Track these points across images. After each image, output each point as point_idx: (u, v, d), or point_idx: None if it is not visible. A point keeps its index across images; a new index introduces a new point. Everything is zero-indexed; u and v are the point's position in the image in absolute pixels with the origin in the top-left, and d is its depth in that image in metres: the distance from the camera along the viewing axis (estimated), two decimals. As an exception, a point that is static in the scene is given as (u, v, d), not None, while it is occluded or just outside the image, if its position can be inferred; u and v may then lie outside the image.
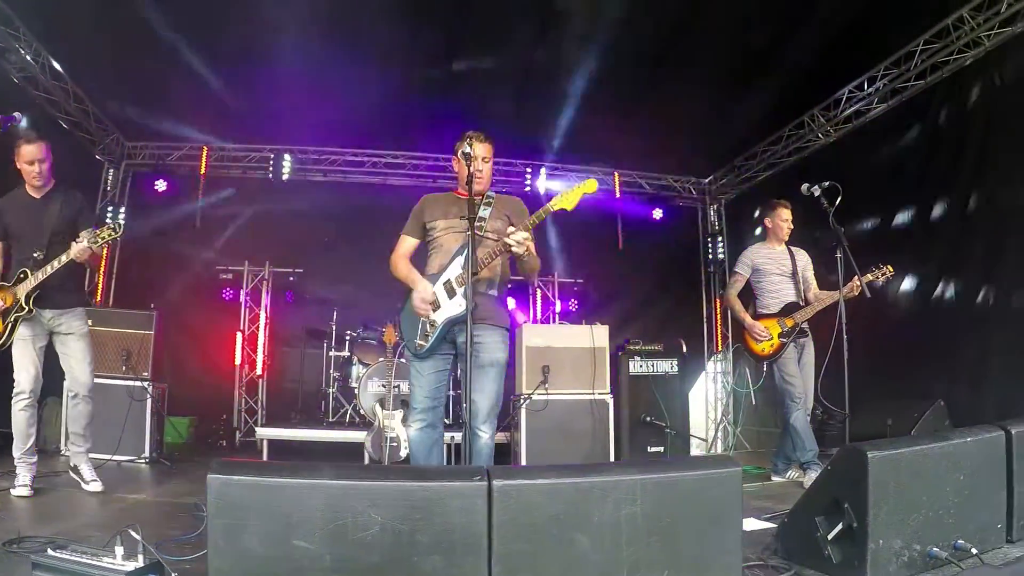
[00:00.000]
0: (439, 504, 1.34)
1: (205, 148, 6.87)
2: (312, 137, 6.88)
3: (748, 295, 4.35)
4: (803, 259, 4.23)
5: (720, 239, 8.32)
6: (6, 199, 3.27)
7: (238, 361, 6.38)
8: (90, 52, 5.21)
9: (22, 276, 3.11)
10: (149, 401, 4.53)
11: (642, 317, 7.51)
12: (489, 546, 1.36)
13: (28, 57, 4.97)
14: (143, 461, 4.47)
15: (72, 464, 3.37)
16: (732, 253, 8.21)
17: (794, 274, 4.13)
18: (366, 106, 5.93)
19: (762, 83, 5.52)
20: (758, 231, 6.47)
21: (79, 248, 2.97)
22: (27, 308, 3.09)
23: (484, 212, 2.74)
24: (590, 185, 2.59)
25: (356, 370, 5.72)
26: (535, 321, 6.92)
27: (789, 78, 5.42)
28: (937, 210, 4.89)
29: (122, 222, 3.20)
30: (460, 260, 2.62)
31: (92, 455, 3.46)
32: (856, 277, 3.61)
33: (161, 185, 6.57)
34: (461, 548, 1.35)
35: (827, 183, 3.60)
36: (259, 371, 6.33)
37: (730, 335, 7.25)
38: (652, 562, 1.51)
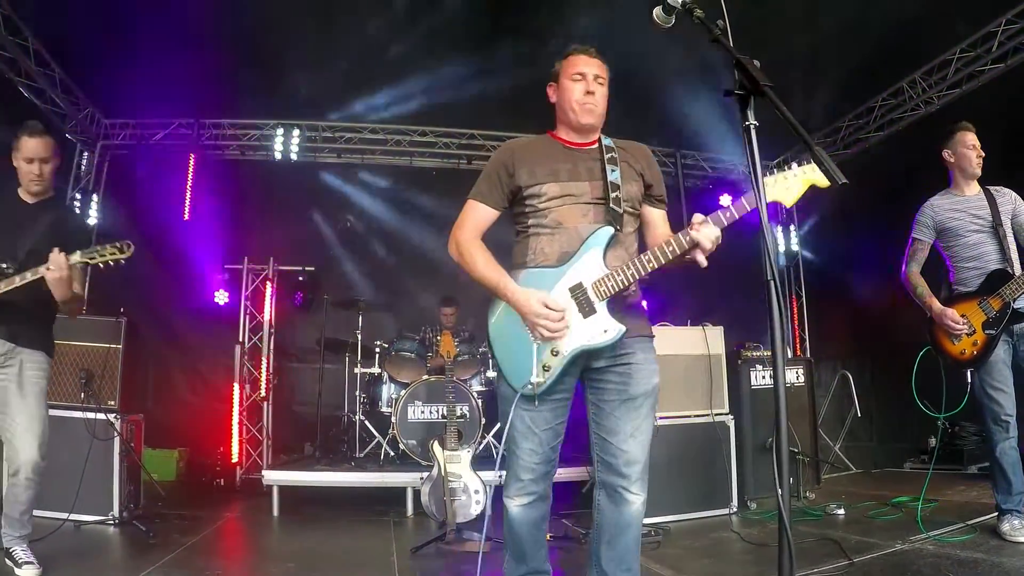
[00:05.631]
0: None
1: (196, 125, 5.77)
2: (324, 111, 5.79)
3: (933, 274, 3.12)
4: (1008, 199, 2.91)
5: (791, 226, 7.35)
6: None
7: (237, 380, 5.16)
8: (59, 5, 4.14)
9: None
10: (117, 440, 3.32)
11: (709, 317, 6.45)
12: None
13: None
14: (111, 523, 3.26)
15: (4, 546, 2.49)
16: (805, 243, 7.31)
17: (997, 225, 2.84)
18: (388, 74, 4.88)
19: (849, 50, 4.78)
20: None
21: (59, 261, 2.24)
22: None
23: (613, 174, 1.81)
24: (822, 179, 1.61)
25: (387, 390, 4.53)
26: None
27: (882, 42, 4.67)
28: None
29: (131, 244, 2.30)
30: (596, 254, 1.74)
31: (43, 513, 2.68)
32: None
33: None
34: None
35: None
36: (263, 392, 5.12)
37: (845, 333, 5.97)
38: None
